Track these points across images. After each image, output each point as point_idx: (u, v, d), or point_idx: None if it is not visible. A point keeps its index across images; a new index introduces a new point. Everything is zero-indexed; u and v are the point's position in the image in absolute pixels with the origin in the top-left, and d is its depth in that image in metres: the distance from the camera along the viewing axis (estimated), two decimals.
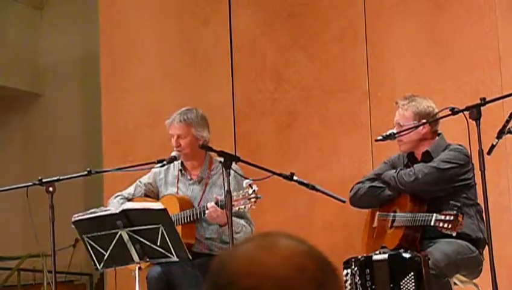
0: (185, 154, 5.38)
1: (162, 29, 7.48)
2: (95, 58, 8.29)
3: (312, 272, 1.44)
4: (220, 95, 7.15)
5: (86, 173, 5.18)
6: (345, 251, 5.66)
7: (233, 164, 4.85)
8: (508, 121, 4.47)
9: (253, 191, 4.78)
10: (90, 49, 10.28)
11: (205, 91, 7.18)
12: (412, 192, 4.99)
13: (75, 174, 5.32)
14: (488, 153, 4.44)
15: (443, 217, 4.62)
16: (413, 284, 4.60)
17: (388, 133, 5.03)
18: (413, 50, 6.63)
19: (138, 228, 4.79)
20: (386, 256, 4.78)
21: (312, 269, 1.45)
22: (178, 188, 5.42)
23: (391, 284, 4.69)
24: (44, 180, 5.06)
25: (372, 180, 5.19)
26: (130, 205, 4.97)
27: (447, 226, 4.59)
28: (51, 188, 5.03)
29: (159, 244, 4.78)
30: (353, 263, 4.87)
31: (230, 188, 4.66)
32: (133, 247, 4.83)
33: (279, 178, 4.87)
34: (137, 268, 4.93)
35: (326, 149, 6.82)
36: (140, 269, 4.95)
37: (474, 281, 5.05)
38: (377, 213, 5.20)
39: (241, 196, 4.83)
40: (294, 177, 4.81)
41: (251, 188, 4.79)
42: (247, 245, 1.49)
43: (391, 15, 6.72)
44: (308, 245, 1.49)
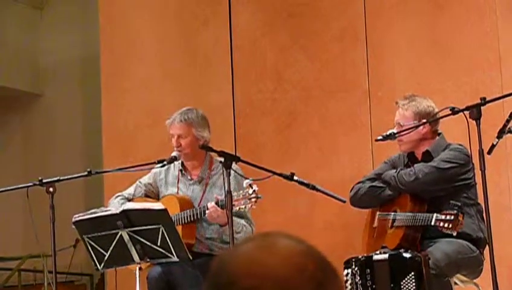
0: (185, 155, 5.37)
1: (162, 29, 7.48)
2: (95, 58, 8.29)
3: (312, 272, 1.44)
4: (220, 95, 7.15)
5: (86, 173, 5.18)
6: (345, 250, 5.66)
7: (234, 164, 4.85)
8: (508, 121, 4.47)
9: (254, 191, 4.78)
10: (90, 49, 10.27)
11: (205, 91, 7.17)
12: (412, 192, 4.99)
13: (76, 175, 5.32)
14: (489, 152, 4.43)
15: (443, 217, 4.62)
16: (414, 284, 4.60)
17: (388, 133, 5.03)
18: (413, 50, 6.63)
19: (138, 228, 4.79)
20: (386, 256, 4.78)
21: (312, 269, 1.45)
22: (178, 188, 5.42)
23: (392, 284, 4.68)
24: (44, 180, 5.06)
25: (373, 180, 5.18)
26: (131, 205, 4.97)
27: (447, 225, 4.59)
28: (51, 189, 5.02)
29: (159, 244, 4.78)
30: (353, 263, 4.87)
31: (230, 188, 4.66)
32: (133, 247, 4.83)
33: (279, 178, 4.87)
34: (138, 268, 4.93)
35: (327, 149, 6.82)
36: (140, 269, 4.95)
37: (474, 280, 5.05)
38: (378, 213, 5.20)
39: (241, 195, 4.82)
40: (295, 177, 4.81)
41: (251, 188, 4.78)
42: (247, 245, 1.49)
43: (391, 15, 6.72)
44: (307, 245, 1.49)
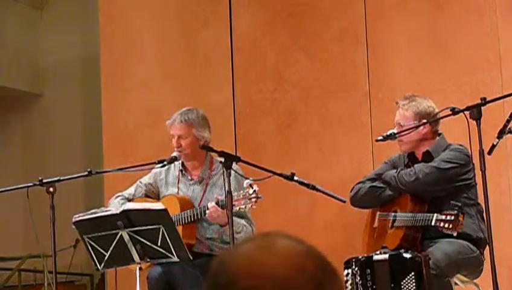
0: (185, 155, 5.37)
1: (162, 29, 7.48)
2: (95, 58, 8.29)
3: (311, 272, 1.44)
4: (220, 95, 7.14)
5: (86, 173, 5.18)
6: (345, 251, 5.66)
7: (234, 164, 4.85)
8: (508, 121, 4.46)
9: (254, 191, 4.78)
10: (90, 49, 10.27)
11: (205, 91, 7.17)
12: (412, 192, 4.99)
13: (76, 175, 5.32)
14: (489, 153, 4.43)
15: (444, 217, 4.61)
16: (414, 284, 4.60)
17: (388, 133, 5.03)
18: (413, 50, 6.63)
19: (139, 228, 4.79)
20: (386, 256, 4.78)
21: (311, 269, 1.45)
22: (179, 189, 5.42)
23: (392, 284, 4.68)
24: (44, 180, 5.05)
25: (373, 180, 5.18)
26: (131, 206, 4.97)
27: (447, 226, 4.59)
28: (51, 189, 5.02)
29: (159, 244, 4.78)
30: (354, 263, 4.87)
31: (230, 188, 4.66)
32: (133, 247, 4.83)
33: (279, 178, 4.87)
34: (138, 268, 4.93)
35: (327, 149, 6.82)
36: (141, 269, 4.94)
37: (474, 281, 5.05)
38: (378, 213, 5.20)
39: (241, 196, 4.82)
40: (295, 178, 4.81)
41: (251, 188, 4.78)
42: (247, 245, 1.49)
43: (391, 15, 6.71)
44: (307, 245, 1.49)
